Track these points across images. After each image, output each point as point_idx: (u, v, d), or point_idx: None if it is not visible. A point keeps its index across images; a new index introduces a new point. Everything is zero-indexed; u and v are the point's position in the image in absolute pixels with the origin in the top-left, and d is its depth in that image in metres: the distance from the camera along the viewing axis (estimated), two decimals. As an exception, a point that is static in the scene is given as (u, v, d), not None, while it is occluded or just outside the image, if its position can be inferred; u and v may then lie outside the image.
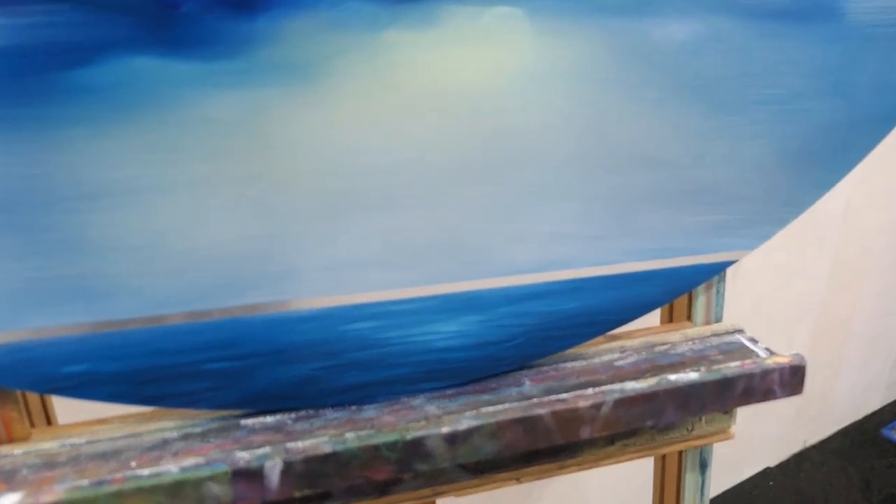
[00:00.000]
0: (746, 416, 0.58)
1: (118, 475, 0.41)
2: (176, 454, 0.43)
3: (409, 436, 0.44)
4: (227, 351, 0.45)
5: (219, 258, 0.43)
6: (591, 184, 0.48)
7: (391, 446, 0.43)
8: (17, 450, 0.44)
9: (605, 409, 0.46)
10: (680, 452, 0.61)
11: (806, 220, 1.37)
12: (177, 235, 0.42)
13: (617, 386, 0.47)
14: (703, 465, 0.61)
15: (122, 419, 0.48)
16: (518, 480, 0.55)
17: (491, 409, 0.46)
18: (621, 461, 0.57)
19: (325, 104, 0.43)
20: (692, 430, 0.57)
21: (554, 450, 0.54)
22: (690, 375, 0.48)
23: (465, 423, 0.44)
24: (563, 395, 0.46)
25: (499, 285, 0.49)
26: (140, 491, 0.40)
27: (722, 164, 0.50)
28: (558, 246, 0.49)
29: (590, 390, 0.47)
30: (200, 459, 0.42)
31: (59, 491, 0.40)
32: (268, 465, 0.42)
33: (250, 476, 0.42)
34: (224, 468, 0.41)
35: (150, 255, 0.42)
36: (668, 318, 0.60)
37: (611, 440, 0.55)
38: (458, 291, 0.48)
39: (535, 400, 0.47)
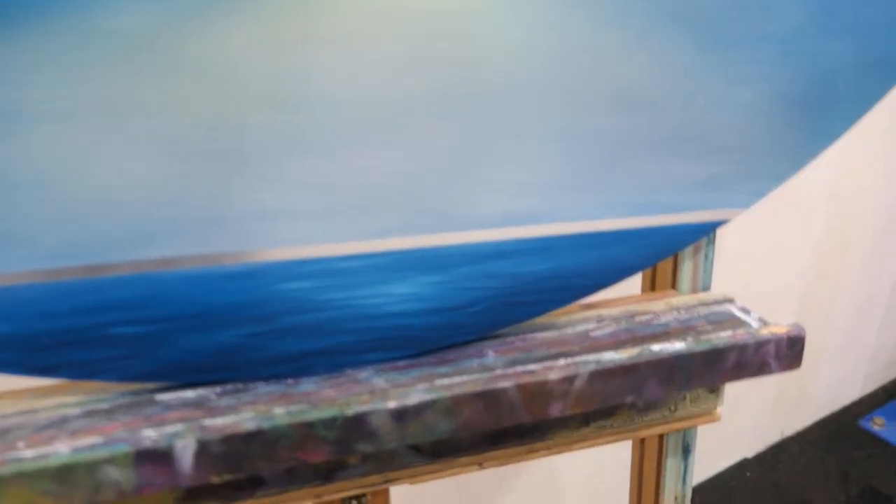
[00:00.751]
0: (724, 405, 0.52)
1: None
2: (73, 434, 0.36)
3: (350, 411, 0.37)
4: (138, 313, 0.38)
5: (128, 202, 0.36)
6: (567, 125, 0.42)
7: (328, 424, 0.37)
8: None
9: (578, 383, 0.40)
10: (661, 436, 0.55)
11: (789, 208, 1.32)
12: (75, 174, 0.35)
13: (592, 357, 0.41)
14: (686, 450, 0.55)
15: (17, 394, 0.41)
16: (480, 466, 0.48)
17: (447, 381, 0.39)
18: (597, 444, 0.51)
19: (256, 18, 0.36)
20: (675, 410, 0.51)
21: (521, 431, 0.48)
22: (676, 346, 0.42)
23: (416, 397, 0.38)
24: (531, 367, 0.40)
25: (460, 241, 0.42)
26: (21, 476, 0.33)
27: (715, 107, 0.44)
28: (528, 197, 0.43)
29: (561, 361, 0.41)
30: (98, 439, 0.35)
31: (-81, 475, 0.33)
32: (178, 445, 0.35)
33: (158, 458, 0.35)
34: (125, 449, 0.35)
35: (43, 197, 0.35)
36: (650, 287, 0.54)
37: (585, 420, 0.49)
38: (412, 248, 0.41)
39: (498, 372, 0.40)
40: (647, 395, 0.42)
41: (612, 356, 0.41)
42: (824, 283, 1.48)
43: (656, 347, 0.42)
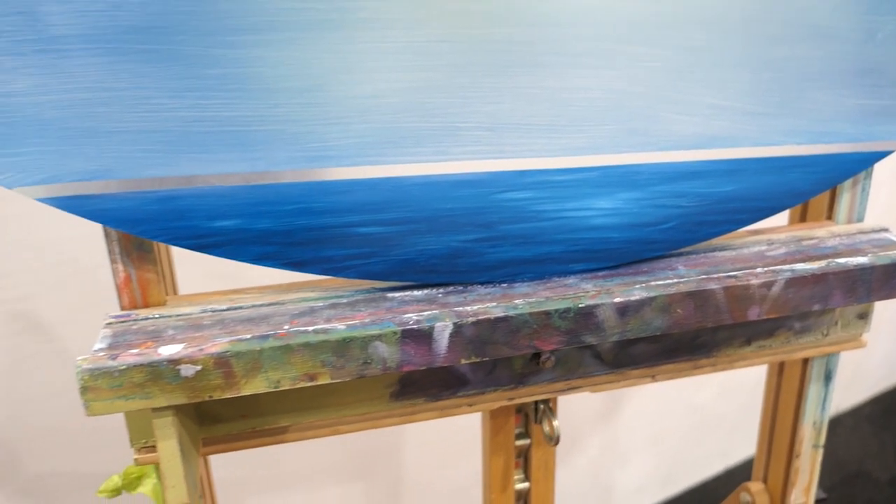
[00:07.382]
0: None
1: (283, 330, 0.38)
2: (329, 321, 0.40)
3: (582, 303, 0.41)
4: (380, 215, 0.42)
5: (381, 108, 0.40)
6: (758, 54, 0.45)
7: (563, 314, 0.41)
8: (156, 312, 0.41)
9: (775, 289, 0.44)
10: (805, 362, 0.58)
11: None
12: (342, 80, 0.39)
13: (787, 266, 0.45)
14: (828, 377, 0.58)
15: (261, 290, 0.45)
16: (653, 378, 0.52)
17: (661, 282, 0.43)
18: (754, 364, 0.55)
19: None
20: (827, 334, 0.55)
21: (691, 346, 0.51)
22: (859, 259, 0.45)
23: (638, 293, 0.42)
24: (734, 273, 0.44)
25: (659, 160, 0.46)
26: (307, 346, 0.37)
27: (891, 42, 0.47)
28: (720, 121, 0.46)
29: (759, 269, 0.44)
30: (366, 319, 0.39)
31: (222, 342, 0.37)
32: (438, 326, 0.39)
33: (419, 338, 0.39)
34: (393, 327, 0.38)
35: (313, 101, 0.39)
36: (801, 220, 0.57)
37: (748, 340, 0.52)
38: (618, 164, 0.45)
39: (703, 276, 0.44)
40: (832, 303, 0.45)
41: (804, 266, 0.45)
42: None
43: (842, 260, 0.45)
